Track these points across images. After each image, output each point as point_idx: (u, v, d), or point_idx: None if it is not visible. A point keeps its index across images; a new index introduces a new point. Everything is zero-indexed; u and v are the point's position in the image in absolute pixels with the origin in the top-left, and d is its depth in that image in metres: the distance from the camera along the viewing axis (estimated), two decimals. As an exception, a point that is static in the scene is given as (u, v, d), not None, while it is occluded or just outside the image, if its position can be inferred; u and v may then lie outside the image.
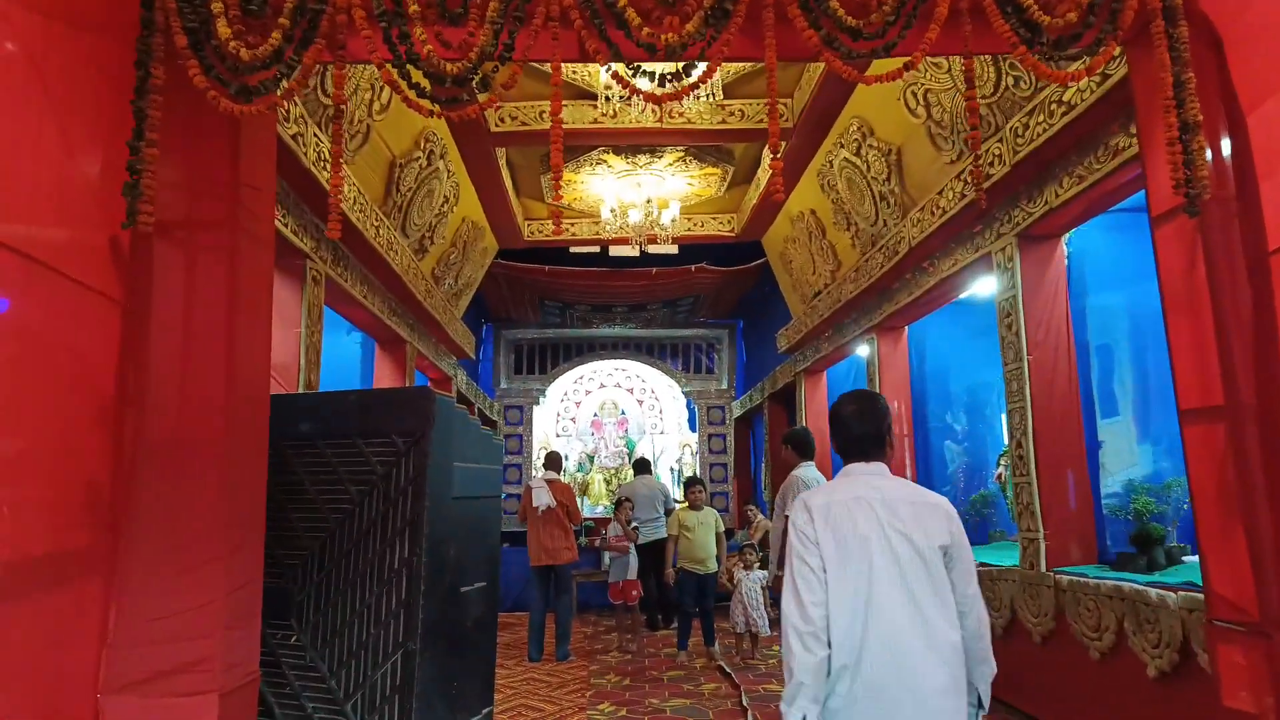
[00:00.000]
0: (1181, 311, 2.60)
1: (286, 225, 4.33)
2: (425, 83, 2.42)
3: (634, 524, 7.81)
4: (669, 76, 2.41)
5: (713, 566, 6.81)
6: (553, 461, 7.53)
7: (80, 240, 2.11)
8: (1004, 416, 7.01)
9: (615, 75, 2.35)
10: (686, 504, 7.09)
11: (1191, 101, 2.37)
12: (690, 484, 7.29)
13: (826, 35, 2.35)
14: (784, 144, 6.36)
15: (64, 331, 2.03)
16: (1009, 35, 2.38)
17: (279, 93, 2.22)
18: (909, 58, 2.41)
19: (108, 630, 2.21)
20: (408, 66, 2.37)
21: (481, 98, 2.38)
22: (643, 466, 9.25)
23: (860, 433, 2.22)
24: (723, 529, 7.07)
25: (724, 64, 5.92)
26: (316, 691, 2.73)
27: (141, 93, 2.20)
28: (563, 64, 5.91)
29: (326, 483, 2.82)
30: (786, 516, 4.42)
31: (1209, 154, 2.44)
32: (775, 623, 6.29)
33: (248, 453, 2.42)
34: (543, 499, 6.90)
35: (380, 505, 2.75)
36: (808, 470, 4.85)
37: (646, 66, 2.50)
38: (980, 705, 2.16)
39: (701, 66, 2.44)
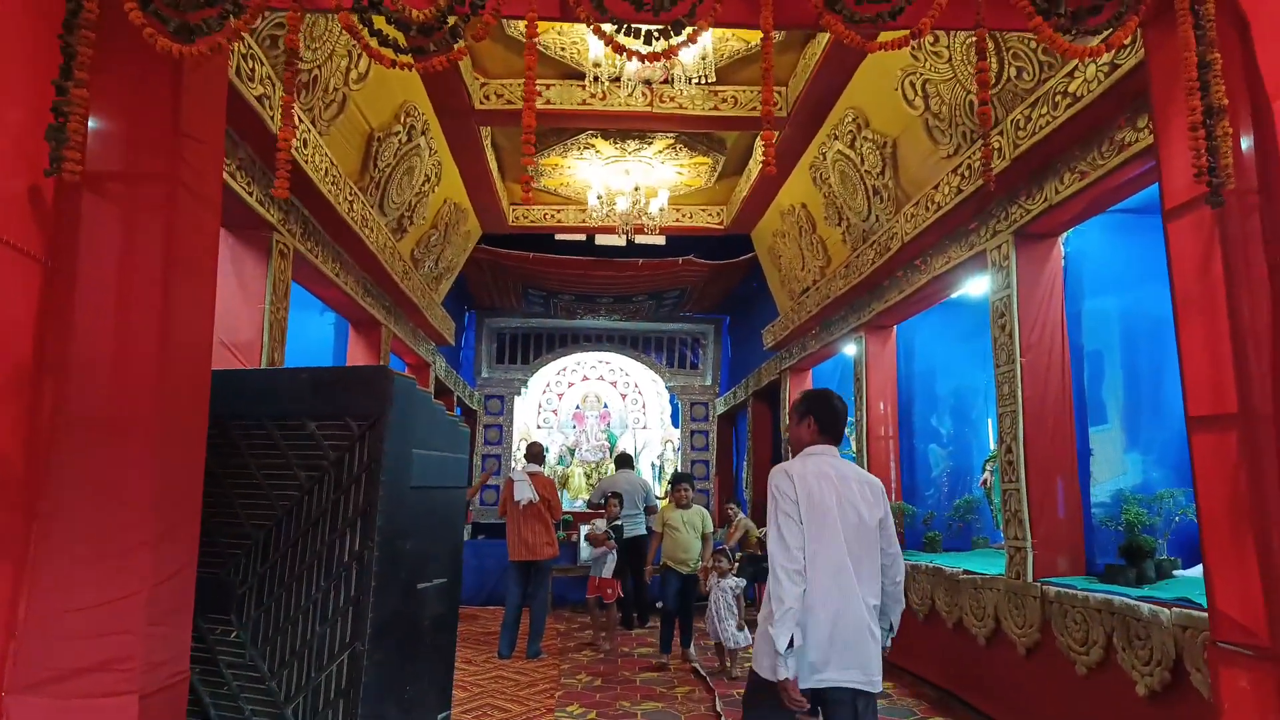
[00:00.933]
0: (1194, 311, 2.44)
1: (251, 194, 4.10)
2: (399, 36, 2.22)
3: (617, 521, 7.62)
4: (657, 35, 2.22)
5: (696, 567, 6.62)
6: (535, 453, 7.32)
7: (-8, 188, 1.89)
8: (990, 421, 6.90)
9: (598, 31, 2.15)
10: (671, 501, 6.84)
11: (1217, 84, 2.21)
12: (677, 481, 6.93)
13: (828, -3, 2.16)
14: (777, 133, 6.18)
15: (-32, 288, 1.81)
16: (1025, 5, 2.20)
17: (224, 32, 2.00)
18: (916, 26, 2.23)
19: (16, 622, 2.00)
20: (371, 16, 2.16)
21: (458, 45, 2.16)
22: (625, 461, 9.07)
23: (840, 421, 2.84)
24: (710, 529, 6.80)
25: (718, 49, 5.79)
26: (255, 693, 2.52)
27: (70, 28, 1.98)
28: (553, 41, 5.67)
29: (274, 467, 2.62)
30: None
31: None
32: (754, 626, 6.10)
33: (183, 430, 2.21)
34: (525, 492, 6.69)
35: (331, 493, 2.55)
36: None
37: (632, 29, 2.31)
38: (892, 630, 2.81)
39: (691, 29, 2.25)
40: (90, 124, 2.08)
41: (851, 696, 2.54)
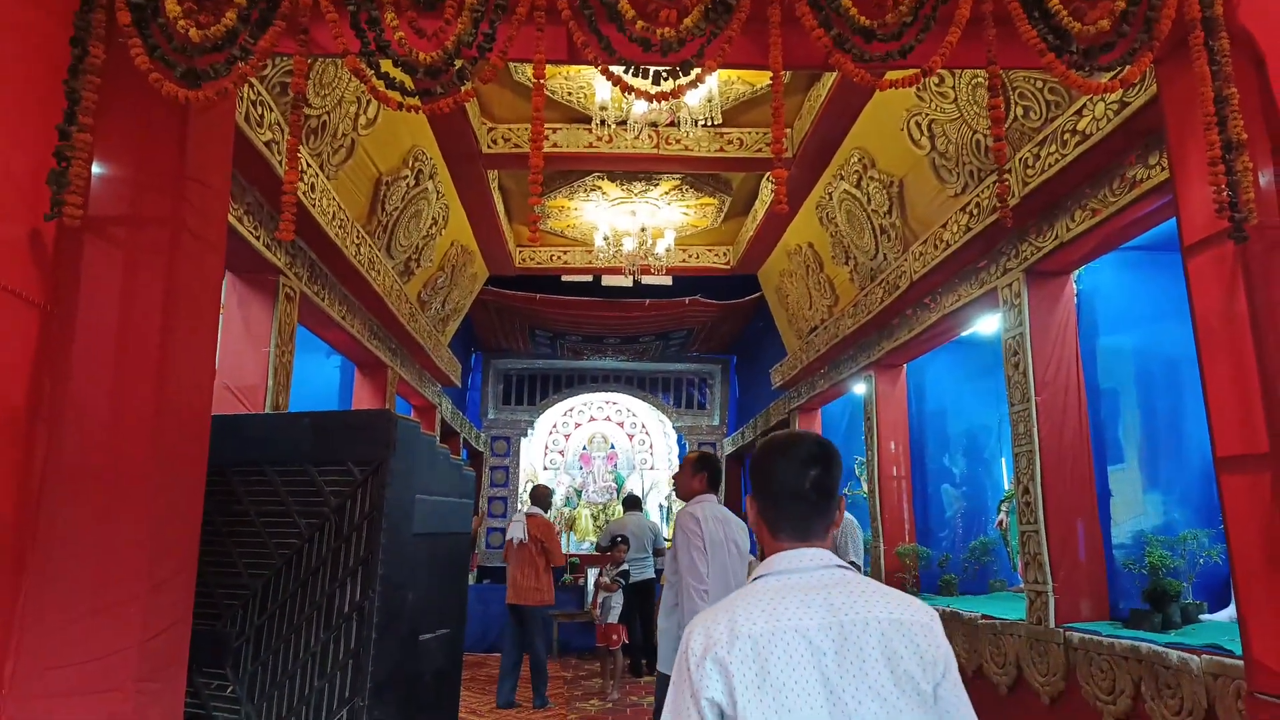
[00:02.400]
0: (1219, 348, 2.38)
1: (259, 238, 4.10)
2: (406, 79, 2.21)
3: (624, 566, 7.48)
4: (665, 74, 2.20)
5: None
6: (538, 496, 7.23)
7: (-8, 232, 1.86)
8: (1004, 460, 6.78)
9: (605, 72, 2.14)
10: None
11: (1235, 119, 2.17)
12: None
13: (837, 36, 2.15)
14: (787, 172, 6.19)
15: (-38, 334, 1.77)
16: (1036, 42, 2.18)
17: (230, 77, 1.99)
18: (926, 65, 2.22)
19: (4, 679, 1.92)
20: (379, 59, 2.15)
21: (465, 87, 2.15)
22: (633, 503, 8.96)
23: (719, 479, 3.88)
24: None
25: (724, 92, 5.83)
26: (251, 751, 2.43)
27: (76, 72, 1.97)
28: (559, 86, 5.72)
29: (274, 514, 2.55)
30: (852, 563, 4.60)
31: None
32: None
33: (179, 479, 2.15)
34: (516, 532, 6.67)
35: (332, 541, 2.48)
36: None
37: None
38: None
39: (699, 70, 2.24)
40: (94, 168, 2.06)
41: None
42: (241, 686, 2.47)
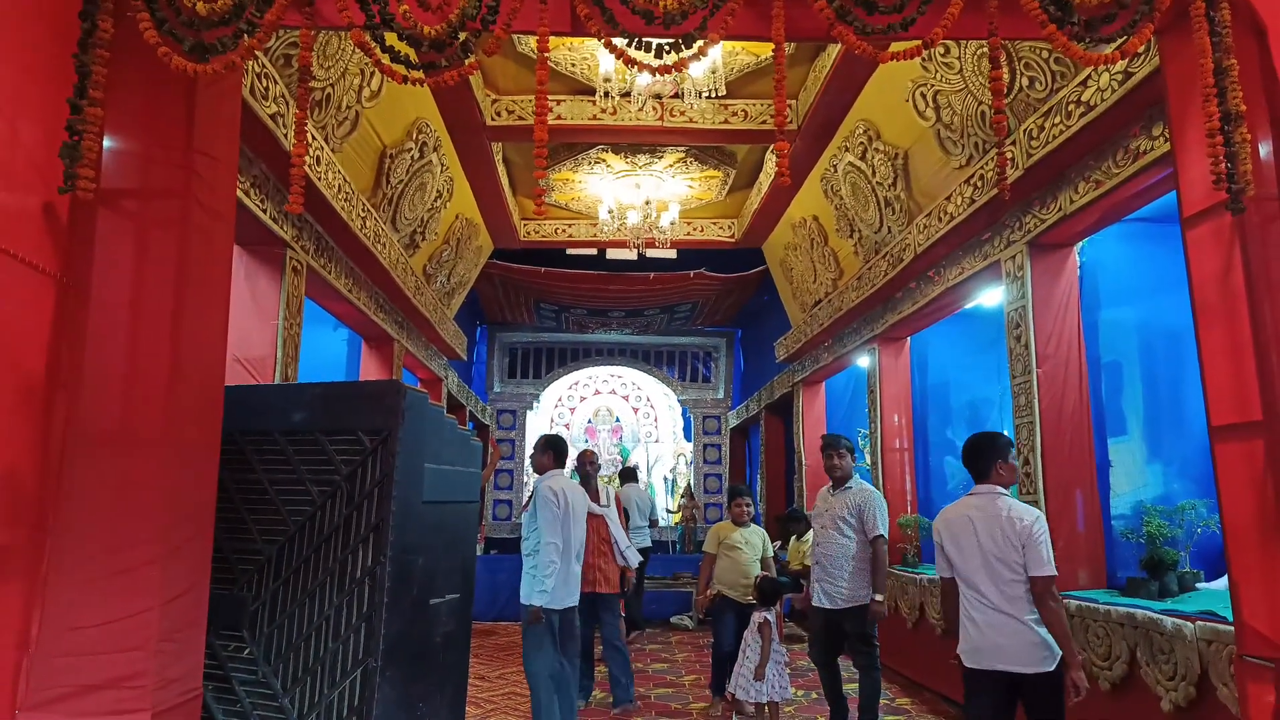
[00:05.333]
0: (1215, 319, 2.40)
1: (265, 211, 4.13)
2: (410, 52, 2.23)
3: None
4: (667, 48, 2.22)
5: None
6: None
7: (8, 205, 1.90)
8: (1006, 433, 6.81)
9: (608, 44, 2.16)
10: (729, 518, 5.67)
11: (1234, 90, 2.18)
12: (736, 495, 5.70)
13: (840, 8, 2.16)
14: (790, 143, 6.18)
15: (-18, 305, 1.82)
16: (1037, 14, 2.19)
17: (238, 51, 2.02)
18: (928, 36, 2.22)
19: (29, 639, 1.99)
20: (384, 33, 2.17)
21: (470, 60, 2.17)
22: (629, 475, 9.06)
23: (565, 458, 4.88)
24: (770, 552, 5.60)
25: (728, 63, 5.80)
26: (268, 710, 2.50)
27: (85, 47, 2.00)
28: (563, 58, 5.69)
29: (286, 482, 2.61)
30: (880, 536, 4.74)
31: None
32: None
33: (195, 446, 2.20)
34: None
35: (344, 508, 2.54)
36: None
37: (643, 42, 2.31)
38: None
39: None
40: (105, 141, 2.09)
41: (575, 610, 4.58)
42: (258, 648, 2.55)
